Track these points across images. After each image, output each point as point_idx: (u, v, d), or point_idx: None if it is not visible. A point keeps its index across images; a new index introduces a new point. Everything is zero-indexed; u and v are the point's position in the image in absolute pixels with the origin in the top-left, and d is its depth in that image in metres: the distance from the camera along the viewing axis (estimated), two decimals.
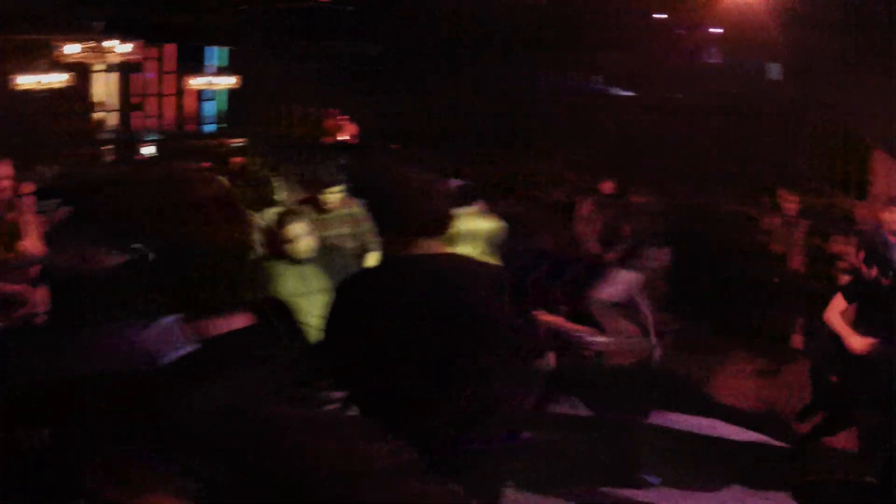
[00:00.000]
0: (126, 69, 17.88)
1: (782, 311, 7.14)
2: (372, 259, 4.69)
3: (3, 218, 4.59)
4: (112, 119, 19.11)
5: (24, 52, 16.93)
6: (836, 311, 4.93)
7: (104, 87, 19.34)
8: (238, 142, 16.12)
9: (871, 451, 4.83)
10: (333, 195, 5.12)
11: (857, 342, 4.70)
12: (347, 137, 18.28)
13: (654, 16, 14.72)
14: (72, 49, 14.93)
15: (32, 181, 5.19)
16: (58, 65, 16.84)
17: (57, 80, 17.06)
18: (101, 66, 17.99)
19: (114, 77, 19.11)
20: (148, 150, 15.71)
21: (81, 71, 17.82)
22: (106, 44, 14.62)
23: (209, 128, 18.90)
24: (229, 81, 17.78)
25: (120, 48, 14.71)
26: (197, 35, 16.44)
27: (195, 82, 17.79)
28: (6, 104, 17.09)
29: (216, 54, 18.14)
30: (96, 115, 18.87)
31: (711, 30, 14.75)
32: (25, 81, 17.13)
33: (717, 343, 6.89)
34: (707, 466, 5.06)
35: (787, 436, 5.50)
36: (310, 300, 3.59)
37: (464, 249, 4.21)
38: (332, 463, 1.36)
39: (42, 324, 2.55)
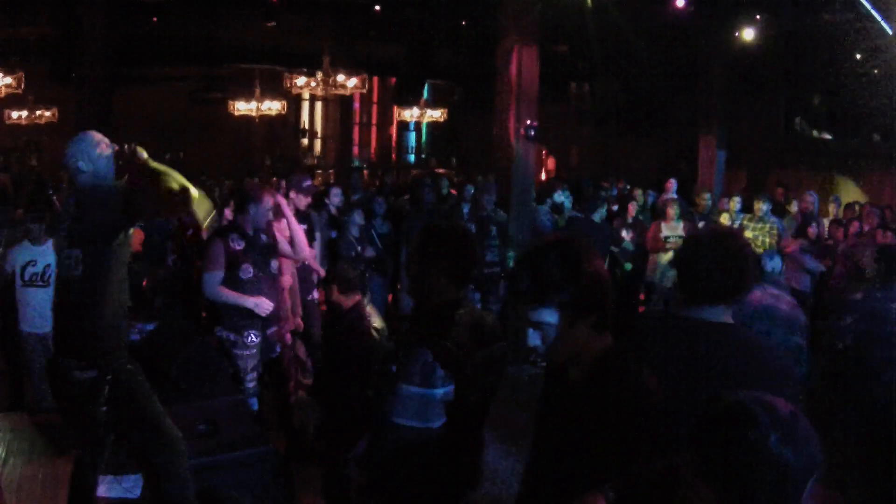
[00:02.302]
0: (335, 99, 18.59)
1: None
2: None
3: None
4: (317, 146, 19.95)
5: (246, 82, 17.89)
6: None
7: (309, 115, 20.25)
8: (443, 172, 16.61)
9: None
10: None
11: None
12: (546, 172, 18.62)
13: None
14: (301, 81, 15.69)
15: None
16: (275, 94, 17.71)
17: (274, 108, 17.95)
18: (308, 95, 18.79)
19: (319, 105, 19.95)
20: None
21: (292, 99, 18.68)
22: (335, 77, 15.30)
23: (409, 158, 19.47)
24: (434, 115, 18.25)
25: (347, 82, 15.36)
26: (415, 70, 17.03)
27: (402, 114, 18.31)
28: (232, 131, 18.13)
29: (423, 88, 18.63)
30: (304, 142, 19.76)
31: None
32: (244, 108, 18.12)
33: None
34: None
35: None
36: None
37: None
38: None
39: None
